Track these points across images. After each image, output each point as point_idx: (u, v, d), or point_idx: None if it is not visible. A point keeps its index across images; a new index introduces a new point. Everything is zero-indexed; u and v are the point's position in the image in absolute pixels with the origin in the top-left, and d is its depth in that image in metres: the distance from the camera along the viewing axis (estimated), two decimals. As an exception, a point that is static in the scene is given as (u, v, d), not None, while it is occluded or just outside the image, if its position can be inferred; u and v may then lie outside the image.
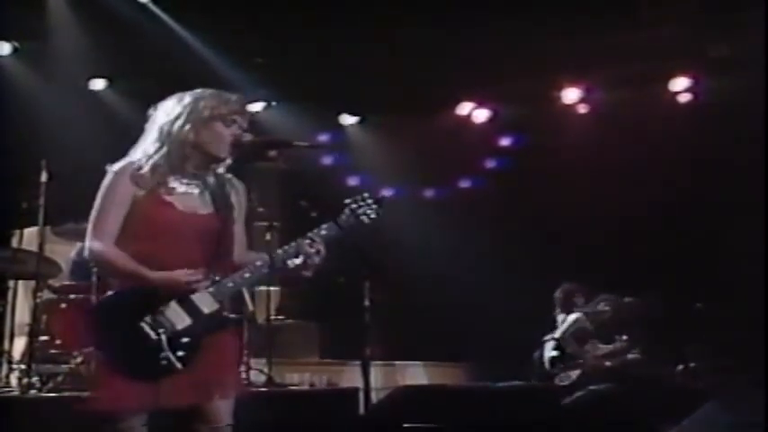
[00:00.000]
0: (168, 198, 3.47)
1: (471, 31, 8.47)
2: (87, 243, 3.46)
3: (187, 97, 3.56)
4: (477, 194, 10.21)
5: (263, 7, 8.25)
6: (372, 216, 3.64)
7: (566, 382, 7.42)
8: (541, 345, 7.75)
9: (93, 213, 3.48)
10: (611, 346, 7.68)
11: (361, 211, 3.64)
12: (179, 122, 3.50)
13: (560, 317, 7.92)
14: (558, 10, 8.08)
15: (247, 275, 3.51)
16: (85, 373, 5.78)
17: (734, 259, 8.37)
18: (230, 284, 3.48)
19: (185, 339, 3.36)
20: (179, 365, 3.33)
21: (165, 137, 3.50)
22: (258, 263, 3.52)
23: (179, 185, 3.50)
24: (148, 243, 3.42)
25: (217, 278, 3.46)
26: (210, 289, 3.44)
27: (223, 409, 3.44)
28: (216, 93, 3.58)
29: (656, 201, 9.02)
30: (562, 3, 8.13)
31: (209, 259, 3.48)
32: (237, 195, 3.67)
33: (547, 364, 7.62)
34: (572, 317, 7.77)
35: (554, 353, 7.64)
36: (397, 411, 5.50)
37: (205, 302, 3.43)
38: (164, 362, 3.31)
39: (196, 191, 3.54)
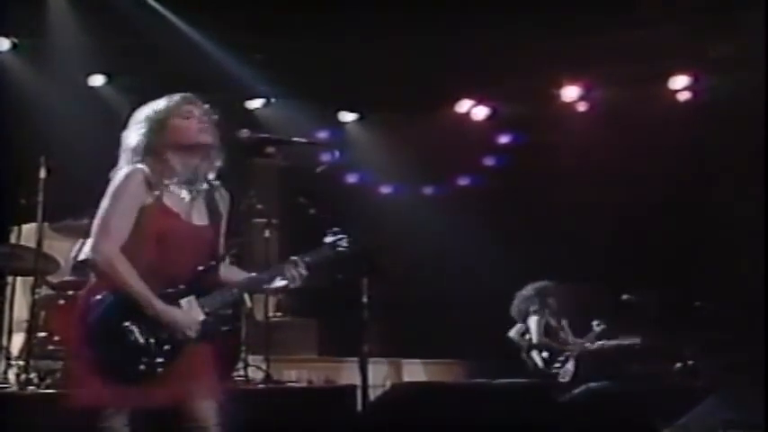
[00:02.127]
0: (173, 208, 3.51)
1: (470, 29, 8.46)
2: (95, 244, 3.43)
3: (147, 111, 3.61)
4: (476, 192, 10.20)
5: (263, 4, 8.25)
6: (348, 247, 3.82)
7: (567, 378, 7.52)
8: (528, 352, 7.85)
9: (102, 215, 3.45)
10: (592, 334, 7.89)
11: (340, 243, 3.79)
12: (151, 134, 3.54)
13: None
14: (557, 8, 8.07)
15: (235, 291, 3.64)
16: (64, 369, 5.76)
17: (734, 258, 8.37)
18: (218, 297, 3.56)
19: (168, 346, 3.41)
20: (160, 370, 3.39)
21: (144, 150, 3.52)
22: (245, 280, 3.71)
23: (179, 192, 3.54)
24: (151, 251, 3.46)
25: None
26: (200, 299, 3.49)
27: (208, 409, 3.48)
28: (172, 97, 3.62)
29: (656, 199, 9.02)
30: (562, 0, 8.12)
31: (201, 270, 3.55)
32: (224, 204, 3.73)
33: (541, 366, 7.72)
34: (533, 320, 7.86)
35: (543, 354, 7.74)
36: (395, 409, 5.49)
37: (194, 311, 3.49)
38: (143, 366, 3.36)
39: (193, 200, 3.58)
